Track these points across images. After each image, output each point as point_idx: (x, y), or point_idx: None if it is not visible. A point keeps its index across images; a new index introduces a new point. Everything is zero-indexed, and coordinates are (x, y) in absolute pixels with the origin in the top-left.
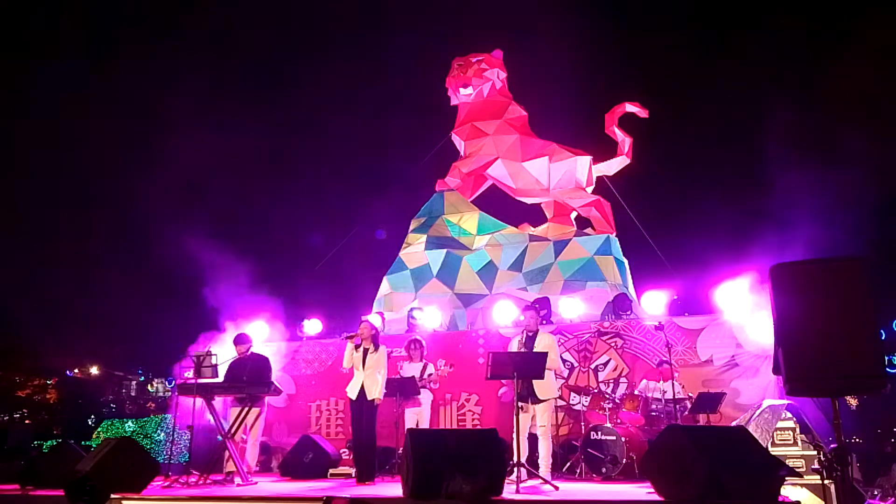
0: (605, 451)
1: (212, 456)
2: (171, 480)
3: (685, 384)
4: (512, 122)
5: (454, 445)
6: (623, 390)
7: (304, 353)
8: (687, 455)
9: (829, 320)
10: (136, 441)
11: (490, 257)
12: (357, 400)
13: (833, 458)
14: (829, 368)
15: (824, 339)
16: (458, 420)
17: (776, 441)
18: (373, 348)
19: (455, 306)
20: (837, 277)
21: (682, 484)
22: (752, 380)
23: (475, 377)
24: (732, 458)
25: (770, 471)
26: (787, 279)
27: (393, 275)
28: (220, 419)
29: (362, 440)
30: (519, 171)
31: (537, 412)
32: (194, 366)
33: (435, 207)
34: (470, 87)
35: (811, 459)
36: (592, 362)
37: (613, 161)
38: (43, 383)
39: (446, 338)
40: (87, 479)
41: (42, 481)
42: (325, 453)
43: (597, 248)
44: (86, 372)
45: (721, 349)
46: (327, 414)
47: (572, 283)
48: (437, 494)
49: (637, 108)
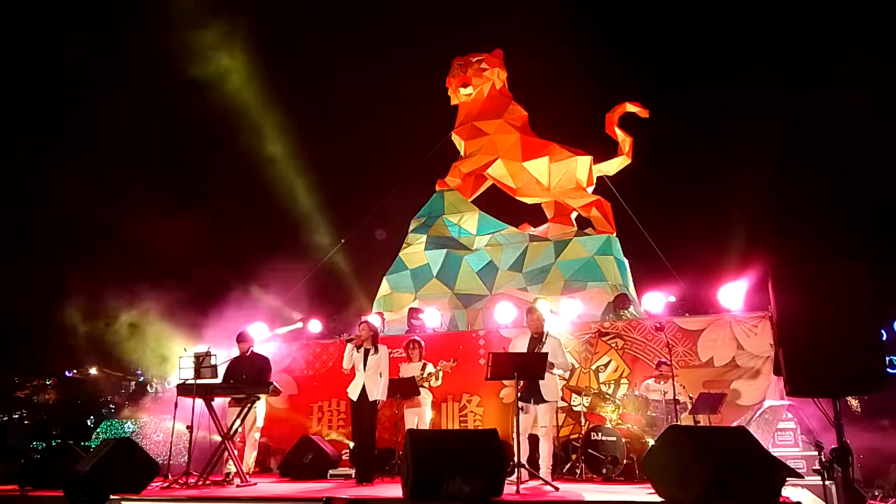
0: (605, 451)
1: (211, 457)
2: (171, 481)
3: (686, 385)
4: (512, 121)
5: (454, 446)
6: (623, 391)
7: (305, 353)
8: (687, 456)
9: (829, 321)
10: (135, 442)
11: (490, 257)
12: (358, 401)
13: (833, 458)
14: (830, 369)
15: (825, 339)
16: (460, 420)
17: (777, 441)
18: (373, 349)
19: (455, 306)
20: (838, 278)
21: (683, 485)
22: (753, 381)
23: (476, 377)
24: (733, 458)
25: (771, 471)
26: (787, 280)
27: (393, 275)
28: (218, 419)
29: (362, 441)
30: (519, 171)
31: (539, 413)
32: (194, 366)
33: (435, 207)
34: (470, 86)
35: (812, 460)
36: (593, 363)
37: (614, 161)
38: (42, 384)
39: (446, 338)
40: (87, 479)
41: (41, 482)
42: (324, 454)
43: (597, 249)
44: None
45: (722, 350)
46: (329, 415)
47: (573, 284)
48: (437, 495)
49: (638, 108)
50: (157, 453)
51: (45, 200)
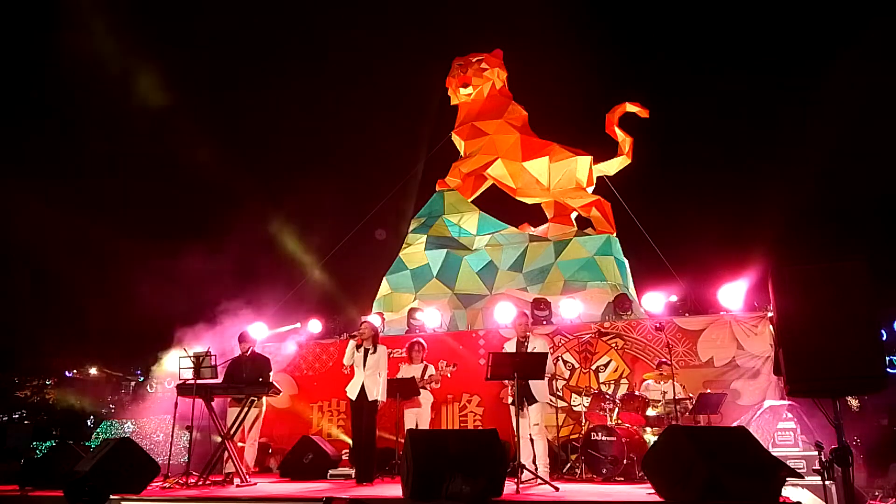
0: (605, 451)
1: (211, 457)
2: (171, 481)
3: (686, 385)
4: (512, 121)
5: (454, 446)
6: (623, 391)
7: (305, 353)
8: (687, 456)
9: (829, 321)
10: (135, 442)
11: (490, 257)
12: (357, 400)
13: (834, 458)
14: (830, 369)
15: (825, 339)
16: (460, 421)
17: (777, 441)
18: (373, 349)
19: (455, 306)
20: (838, 278)
21: (683, 485)
22: (753, 381)
23: (476, 378)
24: (733, 458)
25: (771, 471)
26: (787, 280)
27: (393, 275)
28: (218, 419)
29: (362, 440)
30: (519, 171)
31: (531, 412)
32: (193, 366)
33: (435, 207)
34: (470, 86)
35: (812, 460)
36: (593, 363)
37: (614, 161)
38: (42, 384)
39: (446, 338)
40: (87, 479)
41: (41, 482)
42: (324, 454)
43: (597, 249)
44: (84, 372)
45: (722, 350)
46: (329, 414)
47: (573, 284)
48: (437, 495)
49: (638, 108)
50: (157, 453)
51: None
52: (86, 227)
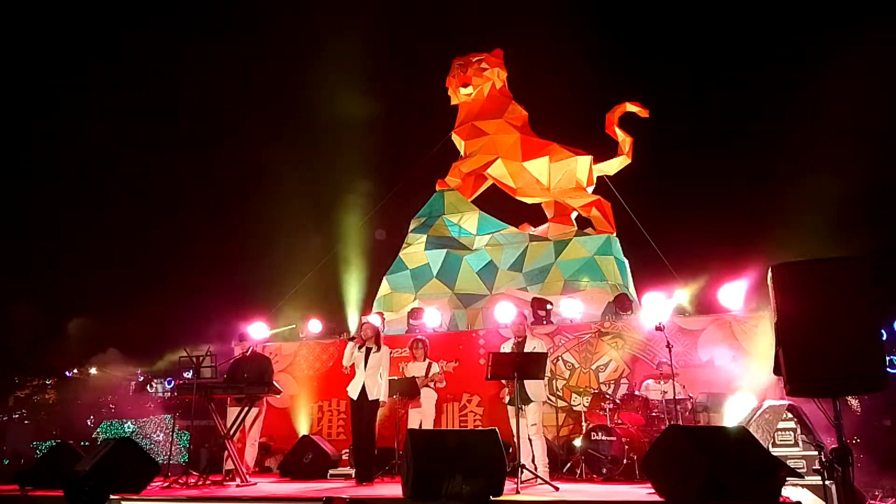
0: (605, 451)
1: (211, 456)
2: (171, 481)
3: (686, 385)
4: (512, 121)
5: (454, 446)
6: (624, 391)
7: (305, 353)
8: (687, 456)
9: (829, 320)
10: (135, 441)
11: (490, 257)
12: (358, 400)
13: (834, 458)
14: (830, 369)
15: (825, 339)
16: (460, 420)
17: (777, 441)
18: (375, 348)
19: (455, 306)
20: (838, 277)
21: (683, 484)
22: (753, 380)
23: (476, 377)
24: (733, 458)
25: (771, 471)
26: (787, 279)
27: (393, 275)
28: (218, 419)
29: (362, 440)
30: (519, 171)
31: (527, 412)
32: (194, 366)
33: (435, 207)
34: (470, 86)
35: (812, 460)
36: (593, 363)
37: (614, 161)
38: (42, 384)
39: (447, 338)
40: (87, 479)
41: (41, 482)
42: (324, 454)
43: (597, 248)
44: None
45: (722, 350)
46: (329, 414)
47: (573, 284)
48: (437, 495)
49: (638, 108)
50: (157, 453)
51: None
52: (86, 227)
